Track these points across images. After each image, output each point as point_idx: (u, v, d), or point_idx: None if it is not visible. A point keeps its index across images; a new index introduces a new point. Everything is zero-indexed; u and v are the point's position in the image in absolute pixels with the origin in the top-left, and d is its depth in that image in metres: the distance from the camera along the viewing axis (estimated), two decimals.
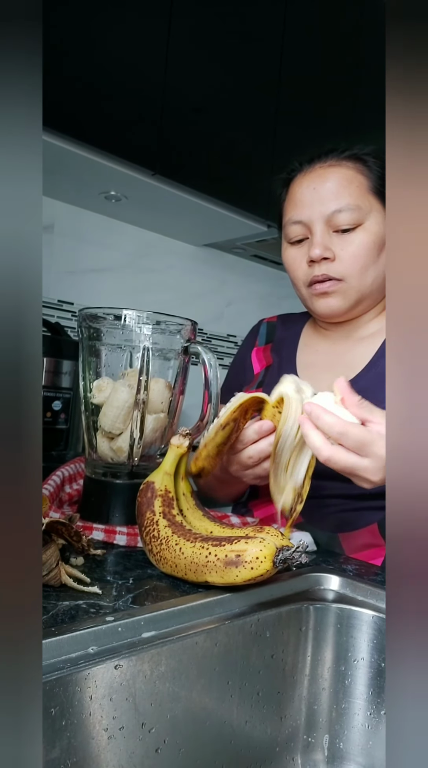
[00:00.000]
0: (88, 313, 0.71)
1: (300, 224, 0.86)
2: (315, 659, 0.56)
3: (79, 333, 0.74)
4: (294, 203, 0.88)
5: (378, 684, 0.54)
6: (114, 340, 0.71)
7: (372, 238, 0.84)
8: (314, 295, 0.87)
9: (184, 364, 0.74)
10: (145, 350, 0.69)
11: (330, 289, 0.85)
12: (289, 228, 0.88)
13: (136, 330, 0.70)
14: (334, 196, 0.84)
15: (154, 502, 0.59)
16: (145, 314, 0.70)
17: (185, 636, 0.46)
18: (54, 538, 0.51)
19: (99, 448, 0.72)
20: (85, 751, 0.40)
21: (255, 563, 0.49)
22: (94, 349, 0.72)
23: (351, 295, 0.85)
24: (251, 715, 0.51)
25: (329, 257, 0.83)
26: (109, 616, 0.45)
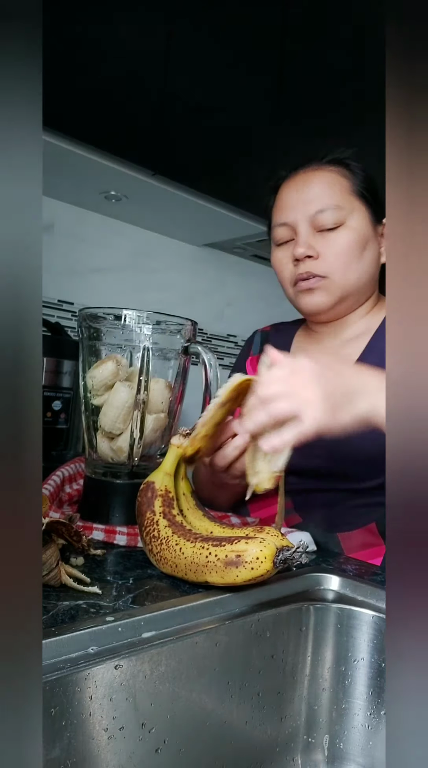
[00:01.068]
0: (88, 313, 0.71)
1: (286, 226, 0.90)
2: (316, 659, 0.56)
3: (79, 333, 0.74)
4: (280, 207, 0.92)
5: (378, 684, 0.54)
6: (114, 340, 0.71)
7: (354, 236, 0.86)
8: (299, 292, 0.89)
9: (184, 364, 0.74)
10: (145, 350, 0.69)
11: (315, 286, 0.87)
12: (276, 231, 0.92)
13: (136, 330, 0.70)
14: (317, 197, 0.87)
15: (154, 502, 0.59)
16: (145, 314, 0.70)
17: (185, 636, 0.46)
18: (54, 538, 0.51)
19: (99, 448, 0.72)
20: (85, 751, 0.40)
21: (255, 563, 0.49)
22: (94, 349, 0.72)
23: (335, 292, 0.87)
24: (251, 716, 0.51)
25: (313, 255, 0.86)
26: (109, 616, 0.45)
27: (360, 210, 0.88)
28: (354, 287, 0.88)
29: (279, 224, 0.91)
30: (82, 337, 0.73)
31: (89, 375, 0.71)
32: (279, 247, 0.92)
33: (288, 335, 1.03)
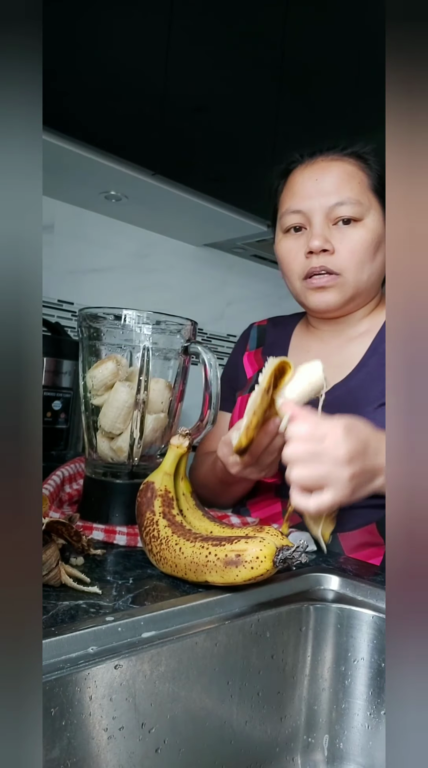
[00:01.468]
0: (88, 313, 0.71)
1: (300, 214, 0.86)
2: (315, 659, 0.56)
3: (79, 333, 0.74)
4: (293, 193, 0.87)
5: (378, 684, 0.54)
6: (114, 340, 0.71)
7: (370, 235, 0.84)
8: (309, 289, 0.86)
9: (184, 364, 0.74)
10: (145, 350, 0.69)
11: (329, 284, 0.84)
12: (287, 217, 0.87)
13: (136, 330, 0.70)
14: (336, 188, 0.84)
15: (153, 502, 0.59)
16: (145, 314, 0.70)
17: (185, 636, 0.46)
18: (54, 538, 0.51)
19: (99, 448, 0.72)
20: (85, 751, 0.40)
21: (255, 563, 0.49)
22: (94, 349, 0.72)
23: (347, 291, 0.85)
24: (251, 716, 0.51)
25: (328, 249, 0.83)
26: (109, 616, 0.45)
27: (377, 208, 0.86)
28: (365, 287, 0.86)
29: (292, 211, 0.86)
30: (82, 337, 0.73)
31: (89, 375, 0.71)
32: (288, 236, 0.88)
33: (287, 331, 1.02)
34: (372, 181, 0.86)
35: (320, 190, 0.85)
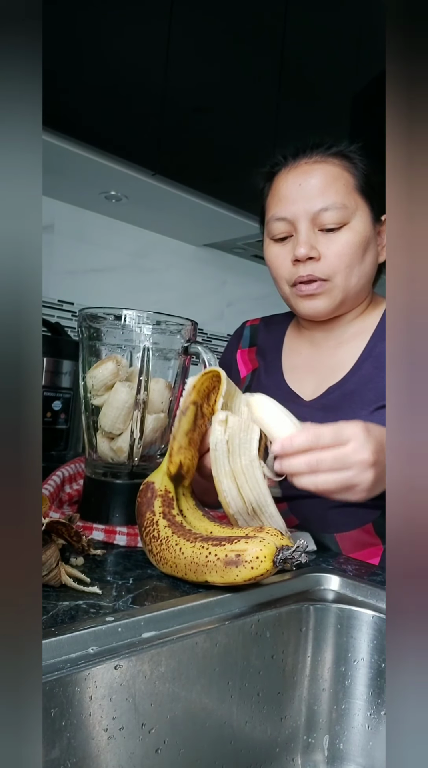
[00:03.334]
0: (88, 313, 0.71)
1: (285, 221, 0.84)
2: (315, 660, 0.56)
3: (79, 333, 0.74)
4: (278, 199, 0.86)
5: (378, 684, 0.54)
6: (114, 340, 0.71)
7: (357, 237, 0.82)
8: (298, 296, 0.85)
9: (184, 364, 0.74)
10: (145, 350, 0.69)
11: (317, 291, 0.83)
12: (273, 225, 0.86)
13: (136, 330, 0.70)
14: (320, 193, 0.82)
15: (153, 502, 0.59)
16: (145, 314, 0.70)
17: (185, 636, 0.46)
18: (54, 538, 0.51)
19: (99, 448, 0.72)
20: (85, 751, 0.40)
21: (255, 563, 0.49)
22: (94, 349, 0.72)
23: (337, 295, 0.84)
24: (251, 716, 0.51)
25: (314, 257, 0.82)
26: (109, 617, 0.45)
27: (363, 208, 0.84)
28: (354, 290, 0.85)
29: (278, 218, 0.85)
30: (82, 337, 0.73)
31: (89, 375, 0.71)
32: (276, 243, 0.87)
33: (279, 331, 1.01)
34: (357, 181, 0.84)
35: (304, 195, 0.82)
